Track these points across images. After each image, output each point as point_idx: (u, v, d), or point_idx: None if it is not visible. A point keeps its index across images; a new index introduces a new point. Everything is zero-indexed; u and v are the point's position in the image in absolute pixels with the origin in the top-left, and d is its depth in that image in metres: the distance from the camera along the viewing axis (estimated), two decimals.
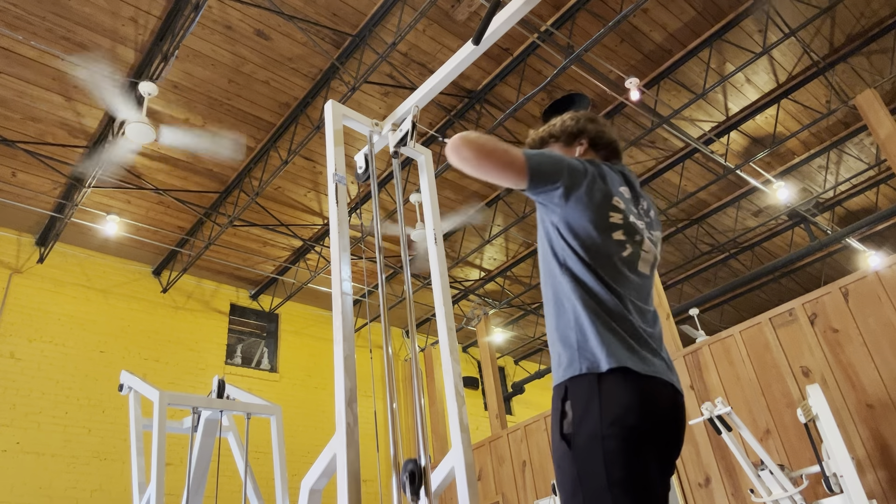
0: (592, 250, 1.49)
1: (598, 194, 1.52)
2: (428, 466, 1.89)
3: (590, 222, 1.50)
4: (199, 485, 4.30)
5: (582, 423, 1.31)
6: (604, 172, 1.59)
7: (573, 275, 1.48)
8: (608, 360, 1.34)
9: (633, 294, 1.50)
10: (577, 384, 1.36)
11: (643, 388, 1.34)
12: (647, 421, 1.31)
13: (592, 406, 1.31)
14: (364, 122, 2.68)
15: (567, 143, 1.77)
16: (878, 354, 4.52)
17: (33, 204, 7.57)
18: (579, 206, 1.51)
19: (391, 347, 2.28)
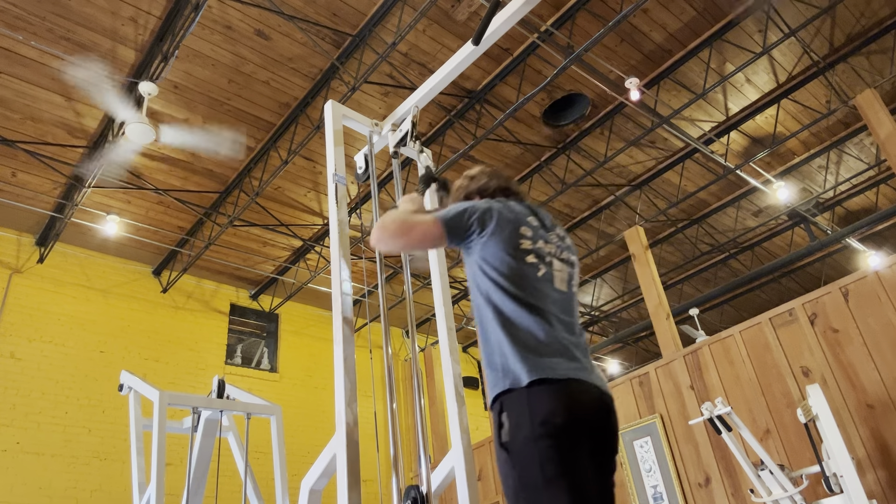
0: (511, 276, 1.67)
1: (507, 226, 1.74)
2: (430, 493, 1.90)
3: (504, 251, 1.70)
4: (199, 485, 4.30)
5: (516, 429, 1.45)
6: (510, 206, 1.81)
7: (494, 305, 1.65)
8: (528, 374, 1.49)
9: (555, 308, 1.68)
10: (509, 398, 1.51)
11: (567, 390, 1.49)
12: (573, 419, 1.45)
13: (523, 413, 1.46)
14: (364, 122, 2.68)
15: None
16: (878, 354, 4.52)
17: (33, 204, 7.57)
18: (493, 241, 1.72)
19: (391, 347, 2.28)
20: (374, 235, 1.79)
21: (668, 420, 5.71)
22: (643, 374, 6.07)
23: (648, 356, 13.05)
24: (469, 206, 1.77)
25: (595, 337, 12.86)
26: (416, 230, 1.76)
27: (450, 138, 7.41)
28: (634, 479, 5.76)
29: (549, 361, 1.52)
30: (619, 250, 10.08)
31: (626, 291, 11.21)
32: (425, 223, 1.76)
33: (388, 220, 1.78)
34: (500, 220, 1.75)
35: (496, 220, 1.74)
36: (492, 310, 1.65)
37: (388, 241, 1.77)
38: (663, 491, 5.54)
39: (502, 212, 1.77)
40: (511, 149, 7.76)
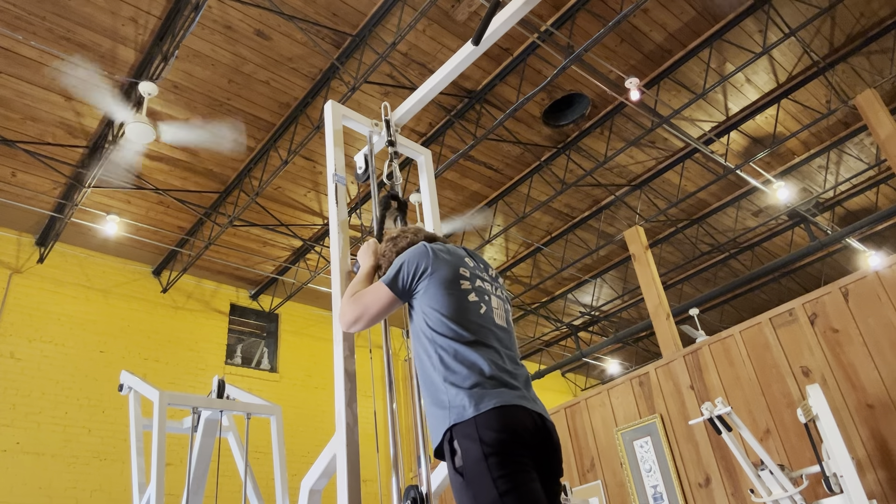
0: (455, 315, 1.76)
1: (445, 266, 1.84)
2: (430, 493, 1.90)
3: (446, 291, 1.80)
4: (199, 485, 4.30)
5: (467, 453, 1.55)
6: (445, 248, 1.92)
7: (439, 347, 1.73)
8: (475, 407, 1.60)
9: (497, 343, 1.77)
10: (458, 429, 1.60)
11: (510, 414, 1.60)
12: (517, 439, 1.57)
13: (473, 438, 1.56)
14: (364, 122, 2.68)
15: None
16: (878, 354, 4.52)
17: (33, 204, 7.57)
18: (433, 285, 1.81)
19: (391, 347, 2.28)
20: (339, 322, 1.93)
21: (668, 420, 5.71)
22: (643, 374, 6.07)
23: (648, 356, 13.05)
24: (405, 259, 1.87)
25: (595, 337, 12.86)
26: (369, 308, 1.89)
27: (450, 138, 7.41)
28: (634, 479, 5.76)
29: (494, 392, 1.62)
30: (619, 250, 10.08)
31: (626, 291, 11.21)
32: (374, 294, 1.88)
33: (345, 307, 1.93)
34: (437, 260, 1.84)
35: (433, 261, 1.84)
36: (436, 352, 1.73)
37: (353, 325, 1.92)
38: (663, 491, 5.54)
39: (438, 253, 1.87)
40: (511, 149, 7.76)
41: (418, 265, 1.84)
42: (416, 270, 1.83)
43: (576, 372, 14.31)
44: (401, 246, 2.06)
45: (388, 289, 1.86)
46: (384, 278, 1.89)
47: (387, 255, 2.08)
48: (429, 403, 1.72)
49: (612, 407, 6.23)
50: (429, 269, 1.82)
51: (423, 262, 1.84)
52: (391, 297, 1.86)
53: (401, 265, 1.86)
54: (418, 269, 1.83)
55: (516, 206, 8.58)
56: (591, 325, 12.34)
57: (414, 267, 1.84)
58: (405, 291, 1.85)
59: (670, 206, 8.65)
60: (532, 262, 10.10)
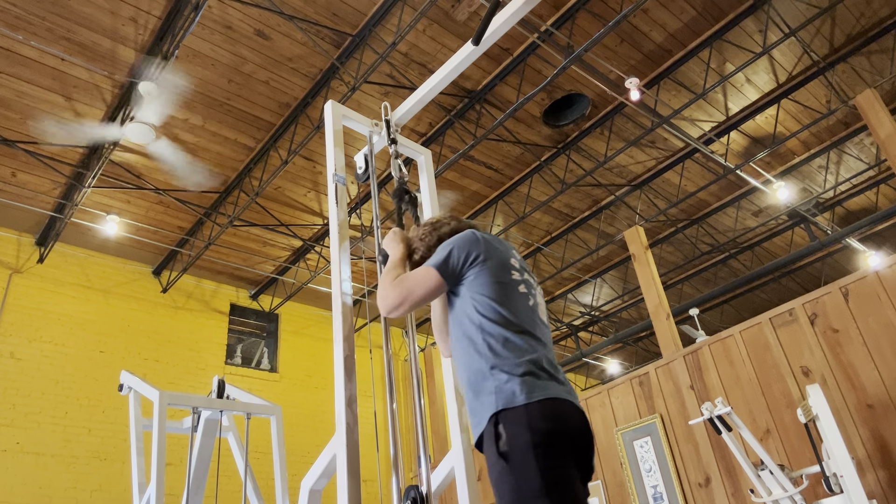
0: (506, 304, 1.76)
1: (497, 257, 1.84)
2: (430, 493, 1.90)
3: (497, 281, 1.79)
4: (199, 485, 4.30)
5: (514, 439, 1.54)
6: (494, 240, 1.91)
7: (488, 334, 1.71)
8: (526, 395, 1.59)
9: (543, 337, 1.78)
10: (505, 415, 1.58)
11: (560, 408, 1.60)
12: (565, 434, 1.57)
13: (521, 426, 1.55)
14: (364, 122, 2.68)
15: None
16: (878, 354, 4.52)
17: (33, 204, 7.57)
18: (485, 272, 1.79)
19: (391, 347, 2.28)
20: (380, 306, 1.88)
21: (668, 420, 5.71)
22: (643, 374, 6.07)
23: (648, 356, 13.05)
24: (455, 244, 1.84)
25: (595, 337, 12.86)
26: (414, 291, 1.83)
27: (450, 138, 7.41)
28: (634, 479, 5.76)
29: (544, 384, 1.62)
30: (619, 250, 10.08)
31: (626, 291, 11.21)
32: (420, 278, 1.83)
33: (386, 289, 1.87)
34: (490, 248, 1.83)
35: (485, 248, 1.82)
36: (484, 339, 1.70)
37: (396, 308, 1.86)
38: (663, 491, 5.54)
39: (490, 241, 1.86)
40: (511, 149, 7.76)
41: (469, 251, 1.82)
42: (467, 256, 1.81)
43: (576, 372, 14.32)
44: (443, 232, 2.03)
45: (438, 273, 1.81)
46: (433, 262, 1.84)
47: (426, 241, 2.04)
48: (472, 391, 1.69)
49: (612, 407, 6.23)
50: (481, 256, 1.81)
51: (475, 249, 1.82)
52: (439, 281, 1.81)
53: (450, 250, 1.83)
54: (469, 255, 1.81)
55: (516, 206, 8.58)
56: (591, 325, 12.34)
57: (465, 252, 1.82)
58: (454, 276, 1.82)
59: (670, 206, 8.65)
60: (532, 262, 10.09)
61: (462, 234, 1.89)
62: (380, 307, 1.89)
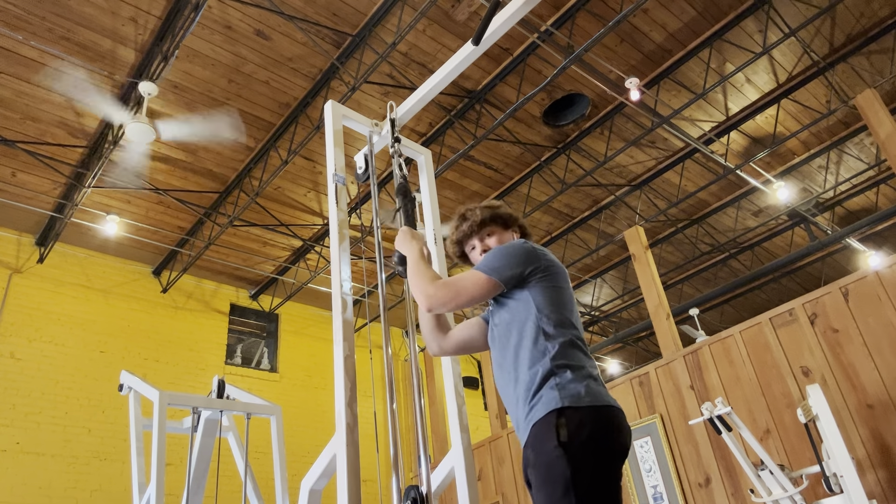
0: (568, 310, 1.83)
1: (553, 268, 1.88)
2: (430, 493, 1.90)
3: (561, 289, 1.86)
4: (199, 485, 4.30)
5: (577, 432, 1.58)
6: (548, 252, 1.95)
7: (550, 337, 1.76)
8: (587, 396, 1.64)
9: (585, 344, 1.83)
10: (566, 412, 1.62)
11: (614, 416, 1.66)
12: (622, 442, 1.64)
13: (584, 423, 1.60)
14: (364, 122, 2.68)
15: (505, 227, 2.15)
16: (878, 354, 4.52)
17: (33, 204, 7.57)
18: (544, 281, 1.84)
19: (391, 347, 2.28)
20: (424, 303, 1.88)
21: (668, 420, 5.71)
22: (643, 374, 6.07)
23: (648, 356, 13.05)
24: (516, 254, 1.87)
25: (595, 337, 12.86)
26: (465, 291, 1.85)
27: (450, 138, 7.41)
28: (634, 479, 5.76)
29: (602, 391, 1.69)
30: (619, 250, 10.08)
31: (626, 291, 11.21)
32: (475, 283, 1.85)
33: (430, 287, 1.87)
34: (545, 263, 1.87)
35: (543, 263, 1.87)
36: (545, 340, 1.75)
37: (444, 306, 1.87)
38: (663, 491, 5.54)
39: (545, 255, 1.91)
40: (511, 149, 7.76)
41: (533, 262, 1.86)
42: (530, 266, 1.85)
43: None
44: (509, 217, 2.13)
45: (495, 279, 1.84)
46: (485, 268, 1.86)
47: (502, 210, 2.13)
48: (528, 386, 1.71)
49: None
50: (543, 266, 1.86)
51: (537, 260, 1.87)
52: (495, 286, 1.84)
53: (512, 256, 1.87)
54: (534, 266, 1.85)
55: (516, 207, 8.58)
56: (591, 325, 12.34)
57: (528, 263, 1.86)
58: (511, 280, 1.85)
59: (670, 206, 8.65)
60: None
61: (521, 243, 1.92)
62: (424, 303, 1.88)
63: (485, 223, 2.13)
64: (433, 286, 1.89)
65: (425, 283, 1.91)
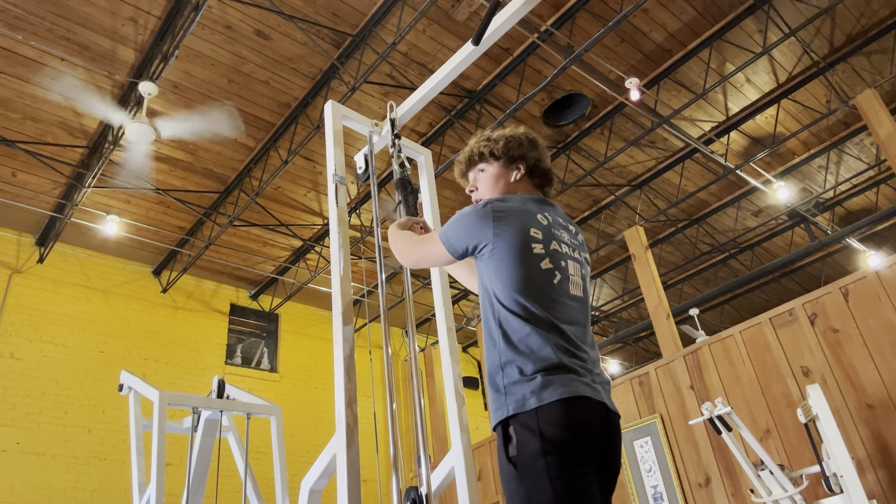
0: (523, 289, 1.56)
1: (512, 233, 1.60)
2: (430, 493, 1.90)
3: (513, 262, 1.58)
4: (199, 485, 4.30)
5: (523, 445, 1.43)
6: (512, 210, 1.65)
7: (502, 321, 1.57)
8: (537, 398, 1.46)
9: (568, 317, 1.59)
10: (518, 419, 1.47)
11: (576, 408, 1.46)
12: (581, 438, 1.44)
13: (533, 430, 1.43)
14: (364, 122, 2.68)
15: (505, 165, 1.83)
16: (878, 354, 4.52)
17: (33, 204, 7.57)
18: (497, 251, 1.59)
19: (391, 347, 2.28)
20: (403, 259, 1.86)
21: (668, 420, 5.71)
22: (643, 374, 6.07)
23: (648, 356, 13.05)
24: (466, 223, 1.66)
25: (595, 337, 12.84)
26: (428, 256, 1.77)
27: (450, 138, 7.41)
28: (634, 479, 5.76)
29: (559, 381, 1.48)
30: (619, 250, 10.08)
31: (626, 291, 11.21)
32: (433, 247, 1.75)
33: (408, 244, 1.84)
34: (501, 224, 1.61)
35: (494, 225, 1.61)
36: (499, 327, 1.58)
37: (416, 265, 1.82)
38: (663, 491, 5.54)
39: (507, 213, 1.63)
40: None
41: (478, 238, 1.63)
42: (475, 242, 1.63)
43: None
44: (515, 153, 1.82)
45: (444, 245, 1.70)
46: (442, 234, 1.71)
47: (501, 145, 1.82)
48: (489, 384, 1.58)
49: None
50: (490, 240, 1.61)
51: (482, 235, 1.62)
52: (447, 256, 1.71)
53: (459, 228, 1.67)
54: (478, 242, 1.63)
55: None
56: (592, 325, 12.31)
57: (473, 238, 1.64)
58: (462, 255, 1.69)
59: (670, 206, 8.65)
60: None
61: (473, 209, 1.67)
62: (399, 260, 1.86)
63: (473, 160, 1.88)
64: (408, 243, 1.84)
65: (401, 240, 1.87)
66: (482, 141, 1.86)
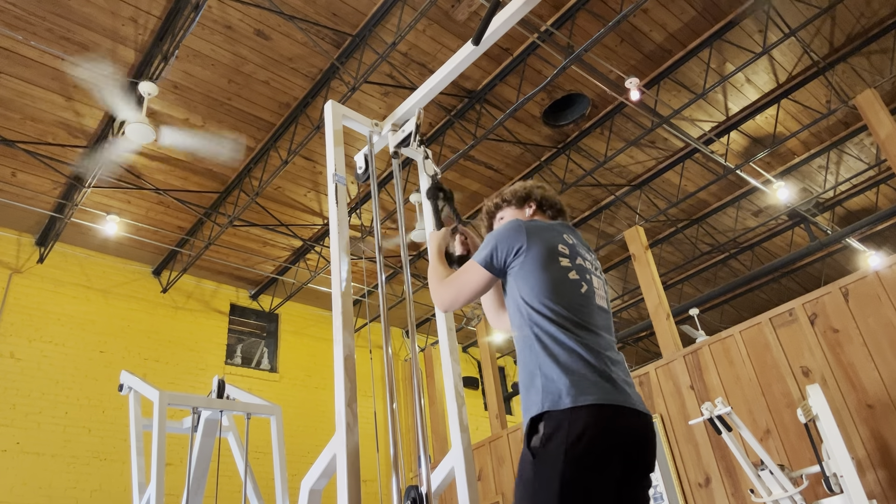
0: (553, 295, 1.66)
1: (541, 247, 1.73)
2: (430, 493, 1.90)
3: (543, 270, 1.70)
4: (199, 485, 4.30)
5: (548, 439, 1.47)
6: (540, 226, 1.82)
7: (538, 327, 1.64)
8: (572, 398, 1.50)
9: (598, 326, 1.68)
10: (548, 415, 1.51)
11: (604, 415, 1.49)
12: (607, 446, 1.46)
13: (560, 429, 1.47)
14: (364, 122, 2.68)
15: (518, 206, 2.03)
16: (878, 354, 4.52)
17: (33, 204, 7.57)
18: (529, 261, 1.71)
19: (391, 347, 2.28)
20: (438, 305, 1.88)
21: (668, 420, 5.71)
22: (643, 374, 6.07)
23: (648, 356, 13.05)
24: (499, 240, 1.78)
25: None
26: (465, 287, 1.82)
27: (450, 138, 7.41)
28: None
29: (593, 386, 1.52)
30: (619, 250, 10.08)
31: (626, 291, 11.21)
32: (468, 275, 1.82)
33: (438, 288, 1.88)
34: (532, 237, 1.75)
35: (527, 237, 1.75)
36: (533, 332, 1.65)
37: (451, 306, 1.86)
38: (663, 491, 5.54)
39: (535, 228, 1.78)
40: (511, 149, 7.76)
41: (512, 243, 1.75)
42: (509, 249, 1.75)
43: None
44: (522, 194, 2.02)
45: (483, 268, 1.79)
46: (478, 258, 1.80)
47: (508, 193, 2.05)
48: (523, 388, 1.63)
49: None
50: (524, 246, 1.73)
51: (517, 240, 1.75)
52: (487, 276, 1.79)
53: (494, 244, 1.78)
54: (512, 247, 1.74)
55: None
56: None
57: (507, 245, 1.75)
58: (500, 270, 1.78)
59: (670, 206, 8.65)
60: None
61: (505, 224, 1.83)
62: (437, 306, 1.90)
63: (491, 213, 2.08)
64: (438, 286, 1.88)
65: (434, 284, 1.90)
66: (493, 197, 2.09)
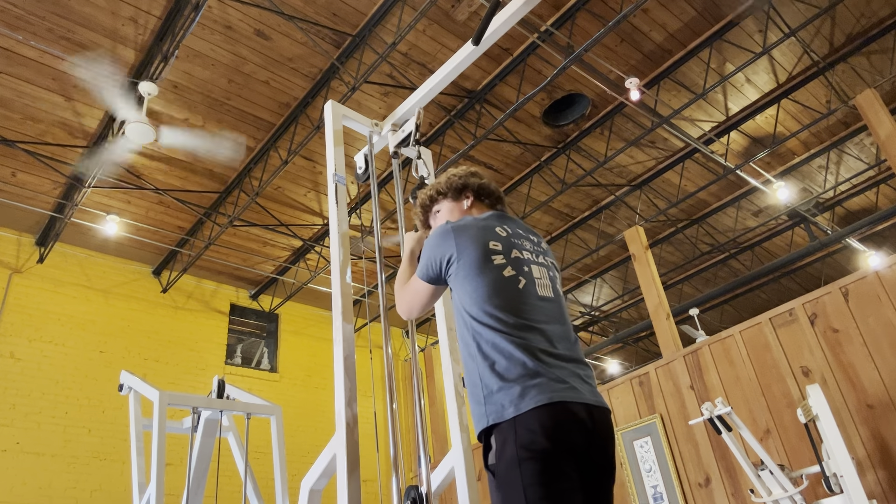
0: (490, 299, 1.62)
1: (471, 248, 1.69)
2: (430, 493, 1.90)
3: (476, 275, 1.66)
4: (199, 485, 4.30)
5: (501, 452, 1.46)
6: (468, 226, 1.76)
7: (477, 334, 1.61)
8: (514, 407, 1.48)
9: (542, 317, 1.63)
10: (498, 428, 1.50)
11: (551, 414, 1.46)
12: (558, 443, 1.44)
13: (509, 438, 1.46)
14: (364, 122, 2.68)
15: (454, 198, 1.99)
16: (878, 354, 4.52)
17: (33, 204, 7.57)
18: (462, 268, 1.68)
19: (391, 347, 2.28)
20: (399, 312, 1.92)
21: (668, 420, 5.71)
22: (643, 374, 6.07)
23: (648, 356, 13.05)
24: (429, 247, 1.78)
25: (595, 337, 12.86)
26: (415, 298, 1.85)
27: (450, 138, 7.41)
28: (634, 479, 5.76)
29: (536, 387, 1.49)
30: (619, 250, 10.08)
31: (626, 291, 11.21)
32: (415, 286, 1.84)
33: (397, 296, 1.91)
34: (461, 241, 1.71)
35: (456, 244, 1.71)
36: (474, 339, 1.62)
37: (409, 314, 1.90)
38: (663, 491, 5.54)
39: (462, 231, 1.74)
40: (511, 149, 7.76)
41: (443, 253, 1.73)
42: (441, 259, 1.73)
43: None
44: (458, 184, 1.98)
45: (424, 281, 1.80)
46: (419, 271, 1.81)
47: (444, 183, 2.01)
48: (469, 394, 1.62)
49: (612, 407, 6.23)
50: (454, 254, 1.70)
51: (446, 249, 1.72)
52: (431, 287, 1.80)
53: (429, 255, 1.77)
54: (444, 258, 1.72)
55: (516, 207, 8.58)
56: (591, 325, 12.34)
57: (439, 256, 1.73)
58: (441, 279, 1.77)
59: (670, 206, 8.65)
60: None
61: (434, 232, 1.80)
62: (402, 316, 1.94)
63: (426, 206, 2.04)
64: (398, 293, 1.90)
65: (396, 288, 1.92)
66: (427, 190, 2.04)
